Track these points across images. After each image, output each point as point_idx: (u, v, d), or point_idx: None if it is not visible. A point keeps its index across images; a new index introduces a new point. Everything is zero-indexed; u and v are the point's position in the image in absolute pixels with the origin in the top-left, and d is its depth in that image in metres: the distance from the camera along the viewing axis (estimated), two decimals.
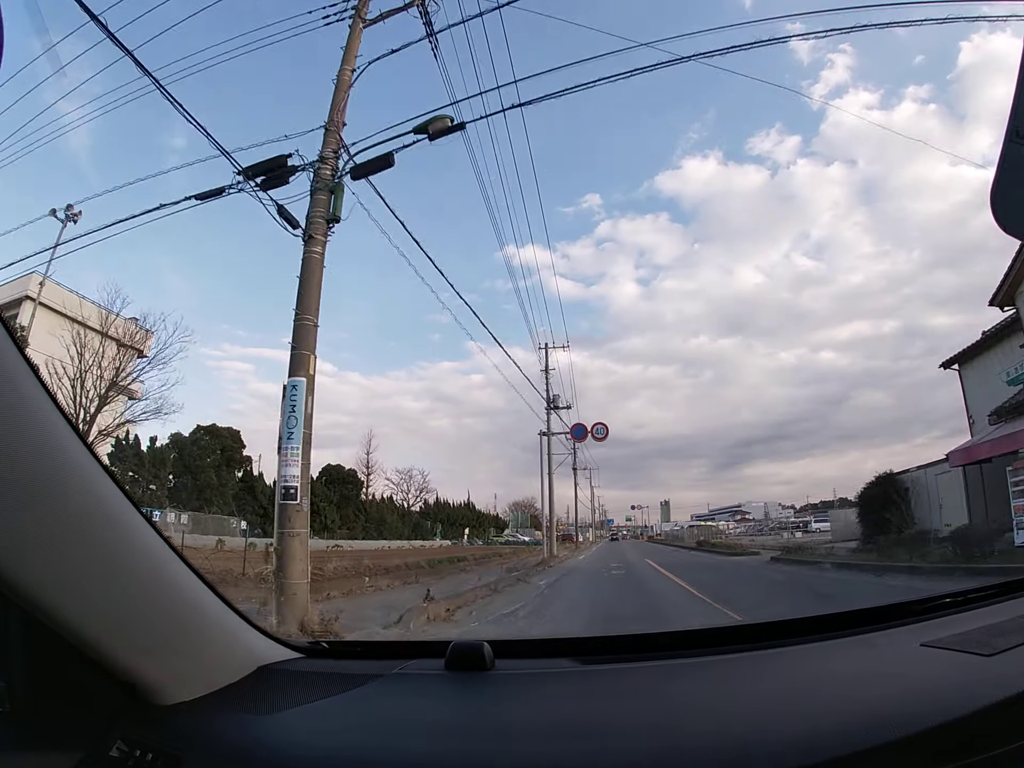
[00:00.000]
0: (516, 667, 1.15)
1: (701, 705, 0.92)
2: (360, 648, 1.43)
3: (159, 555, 0.90)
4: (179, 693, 0.95)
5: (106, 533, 0.80)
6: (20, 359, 0.68)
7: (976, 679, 0.85)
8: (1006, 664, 0.87)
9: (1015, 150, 0.83)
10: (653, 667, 1.13)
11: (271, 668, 1.13)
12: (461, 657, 1.08)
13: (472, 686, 1.05)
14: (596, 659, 1.19)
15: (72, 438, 0.75)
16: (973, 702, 0.76)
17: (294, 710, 0.96)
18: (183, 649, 0.97)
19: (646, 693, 1.01)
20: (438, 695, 1.05)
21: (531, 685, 1.07)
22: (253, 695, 1.02)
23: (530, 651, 1.32)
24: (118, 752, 0.89)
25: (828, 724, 0.76)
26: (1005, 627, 1.05)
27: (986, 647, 0.93)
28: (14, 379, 0.67)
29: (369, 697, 1.03)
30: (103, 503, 0.79)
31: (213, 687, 1.00)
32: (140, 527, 0.87)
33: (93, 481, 0.78)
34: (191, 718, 0.93)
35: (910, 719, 0.74)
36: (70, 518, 0.73)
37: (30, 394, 0.69)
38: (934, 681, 0.88)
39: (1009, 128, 0.83)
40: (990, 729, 0.76)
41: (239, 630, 1.13)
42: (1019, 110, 0.81)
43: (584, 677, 1.12)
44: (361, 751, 0.84)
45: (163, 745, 0.88)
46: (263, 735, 0.90)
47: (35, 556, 0.70)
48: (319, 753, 0.83)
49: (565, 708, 0.96)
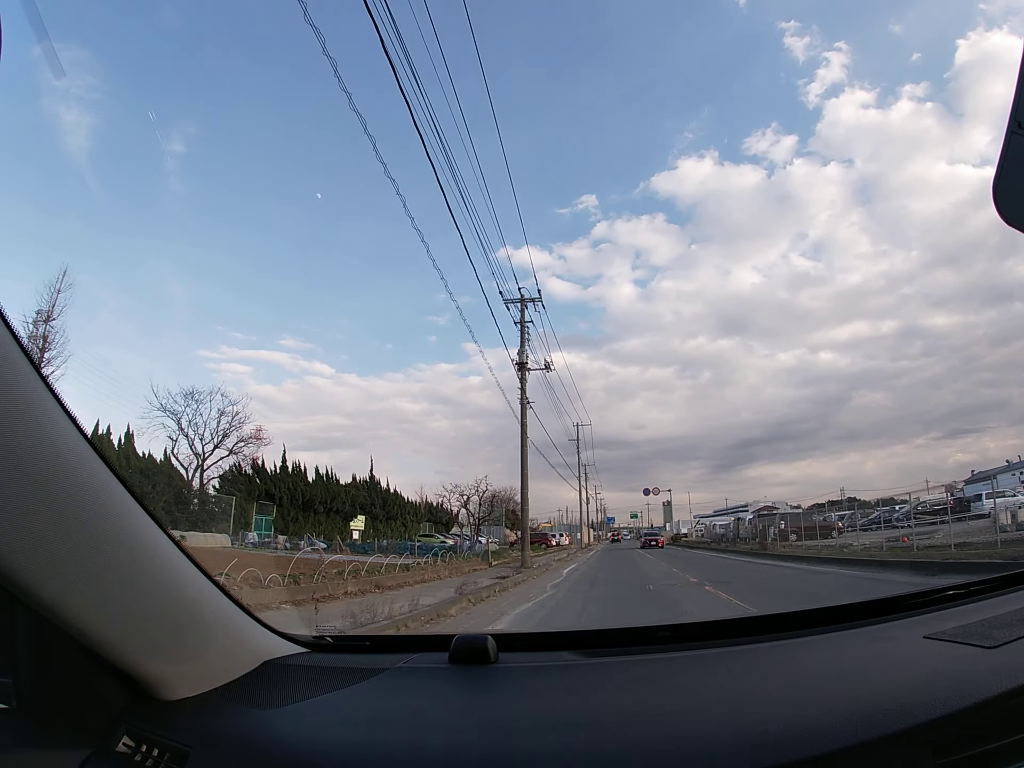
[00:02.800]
0: (520, 660, 1.15)
1: (705, 696, 0.92)
2: (364, 642, 1.43)
3: (164, 553, 0.91)
4: (185, 688, 0.95)
5: (112, 532, 0.80)
6: (26, 362, 0.69)
7: (978, 671, 0.85)
8: (1008, 656, 0.87)
9: (1017, 141, 0.83)
10: (657, 659, 1.13)
11: (276, 663, 1.14)
12: (465, 651, 1.09)
13: (476, 679, 1.06)
14: (599, 652, 1.19)
15: (77, 438, 0.75)
16: (975, 694, 0.77)
17: (299, 704, 0.96)
18: (189, 645, 0.97)
19: (650, 685, 1.01)
20: (442, 688, 1.06)
21: (535, 678, 1.07)
22: (259, 690, 1.02)
23: (533, 644, 1.32)
24: (125, 747, 0.90)
25: (832, 715, 0.76)
26: (1007, 619, 1.06)
27: (988, 639, 0.94)
28: (20, 382, 0.67)
29: (374, 691, 1.04)
30: (109, 502, 0.80)
31: (219, 682, 1.00)
32: (146, 525, 0.87)
33: (99, 480, 0.78)
34: (197, 713, 0.94)
35: (913, 710, 0.74)
36: (76, 517, 0.74)
37: (36, 396, 0.69)
38: (937, 673, 0.89)
39: (1011, 119, 0.83)
40: (992, 720, 0.76)
41: (244, 626, 1.13)
42: (1020, 101, 0.81)
43: (588, 670, 1.13)
44: (366, 745, 0.84)
45: (170, 740, 0.89)
46: (269, 729, 0.91)
47: (41, 555, 0.70)
48: (325, 747, 0.84)
49: (569, 700, 0.96)
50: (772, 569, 15.56)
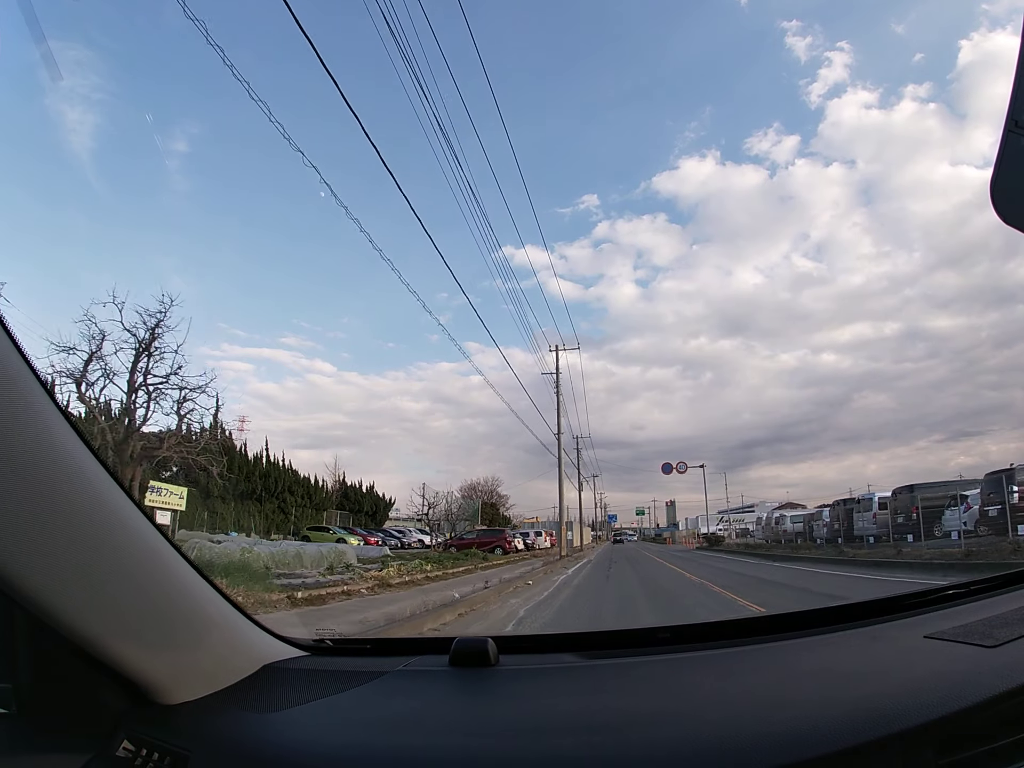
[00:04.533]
0: (520, 663, 1.15)
1: (708, 697, 0.92)
2: (365, 645, 1.43)
3: (163, 555, 0.91)
4: (185, 692, 0.95)
5: (109, 535, 0.80)
6: (21, 361, 0.69)
7: (979, 670, 0.85)
8: (1009, 655, 0.87)
9: (1014, 140, 0.83)
10: (658, 661, 1.13)
11: (276, 666, 1.14)
12: (465, 653, 1.09)
13: (476, 682, 1.05)
14: (600, 654, 1.19)
15: (74, 440, 0.75)
16: (976, 693, 0.76)
17: (299, 708, 0.96)
18: (188, 649, 0.97)
19: (652, 686, 1.01)
20: (443, 691, 1.06)
21: (535, 680, 1.07)
22: (258, 693, 1.02)
23: (534, 647, 1.32)
24: (124, 752, 0.90)
25: (833, 715, 0.76)
26: (1007, 618, 1.05)
27: (989, 638, 0.93)
28: (15, 382, 0.67)
29: (374, 694, 1.03)
30: (105, 504, 0.80)
31: (218, 686, 1.00)
32: (143, 528, 0.87)
33: (95, 482, 0.78)
34: (197, 717, 0.93)
35: (914, 710, 0.74)
36: (73, 520, 0.74)
37: (31, 397, 0.69)
38: (938, 673, 0.89)
39: (1008, 118, 0.83)
40: (994, 720, 0.76)
41: (244, 629, 1.13)
42: (1018, 99, 0.81)
43: (588, 671, 1.13)
44: (366, 748, 0.84)
45: (169, 744, 0.88)
46: (269, 733, 0.91)
47: (39, 559, 0.70)
48: (325, 751, 0.84)
49: (570, 702, 0.96)
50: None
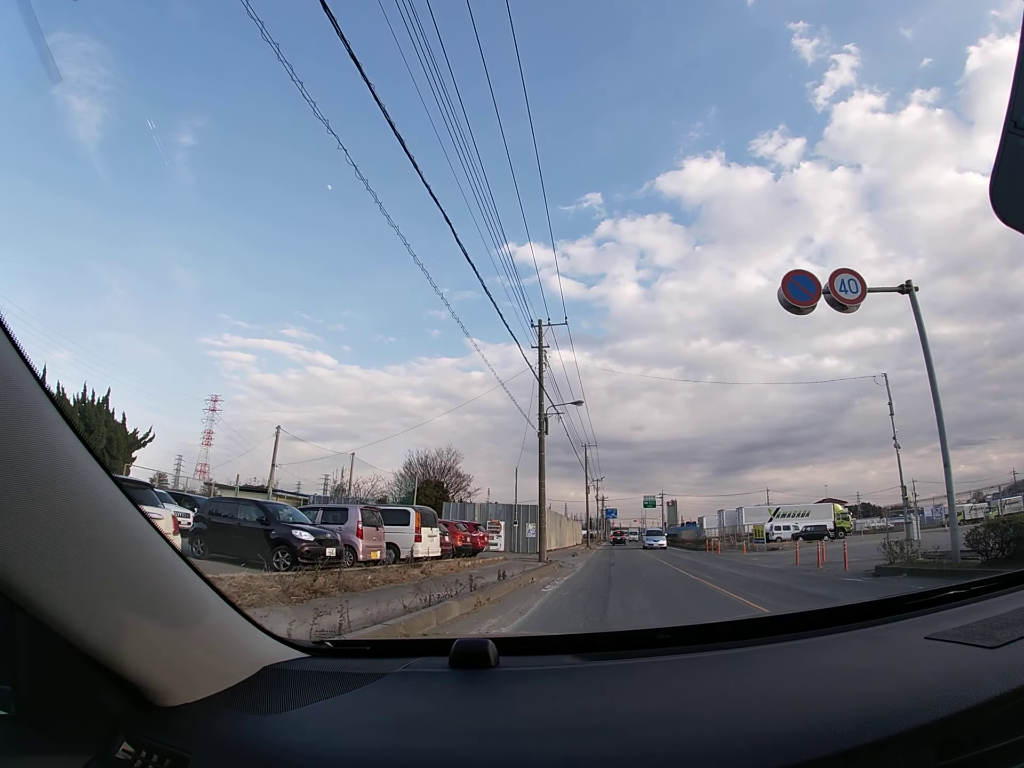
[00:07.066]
0: (520, 664, 1.15)
1: (708, 698, 0.92)
2: (365, 647, 1.43)
3: (163, 557, 0.91)
4: (184, 694, 0.95)
5: (109, 536, 0.80)
6: (19, 361, 0.69)
7: (980, 671, 0.85)
8: (1010, 656, 0.87)
9: (1013, 141, 0.83)
10: (659, 662, 1.12)
11: (276, 668, 1.13)
12: (465, 655, 1.09)
13: (477, 684, 1.05)
14: (600, 655, 1.19)
15: (72, 440, 0.75)
16: (977, 694, 0.76)
17: (299, 710, 0.96)
18: (188, 650, 0.97)
19: (653, 687, 1.01)
20: (443, 693, 1.05)
21: (536, 681, 1.07)
22: (258, 695, 1.02)
23: (534, 648, 1.32)
24: (124, 754, 0.89)
25: (833, 716, 0.76)
26: (1008, 619, 1.06)
27: (989, 639, 0.93)
28: (14, 382, 0.67)
29: (374, 696, 1.03)
30: (105, 506, 0.79)
31: (218, 688, 1.00)
32: (143, 529, 0.87)
33: (94, 484, 0.78)
34: (197, 719, 0.93)
35: (915, 711, 0.74)
36: (72, 522, 0.73)
37: (30, 396, 0.69)
38: (939, 673, 0.89)
39: (1007, 119, 0.83)
40: (995, 721, 0.76)
41: (244, 631, 1.13)
42: (1017, 101, 0.81)
43: (589, 673, 1.12)
44: (367, 750, 0.84)
45: (169, 746, 0.88)
46: (269, 735, 0.91)
47: (39, 562, 0.70)
48: (325, 753, 0.84)
49: (570, 704, 0.96)
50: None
